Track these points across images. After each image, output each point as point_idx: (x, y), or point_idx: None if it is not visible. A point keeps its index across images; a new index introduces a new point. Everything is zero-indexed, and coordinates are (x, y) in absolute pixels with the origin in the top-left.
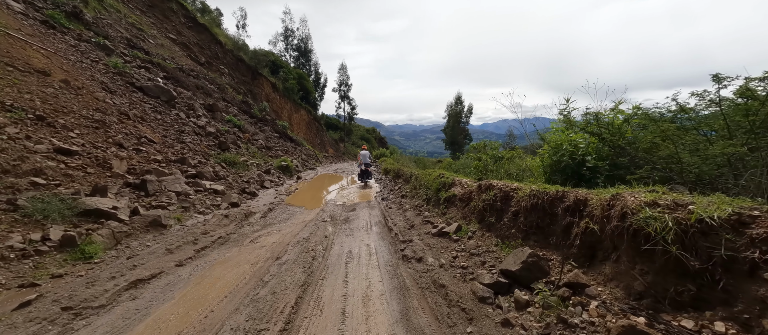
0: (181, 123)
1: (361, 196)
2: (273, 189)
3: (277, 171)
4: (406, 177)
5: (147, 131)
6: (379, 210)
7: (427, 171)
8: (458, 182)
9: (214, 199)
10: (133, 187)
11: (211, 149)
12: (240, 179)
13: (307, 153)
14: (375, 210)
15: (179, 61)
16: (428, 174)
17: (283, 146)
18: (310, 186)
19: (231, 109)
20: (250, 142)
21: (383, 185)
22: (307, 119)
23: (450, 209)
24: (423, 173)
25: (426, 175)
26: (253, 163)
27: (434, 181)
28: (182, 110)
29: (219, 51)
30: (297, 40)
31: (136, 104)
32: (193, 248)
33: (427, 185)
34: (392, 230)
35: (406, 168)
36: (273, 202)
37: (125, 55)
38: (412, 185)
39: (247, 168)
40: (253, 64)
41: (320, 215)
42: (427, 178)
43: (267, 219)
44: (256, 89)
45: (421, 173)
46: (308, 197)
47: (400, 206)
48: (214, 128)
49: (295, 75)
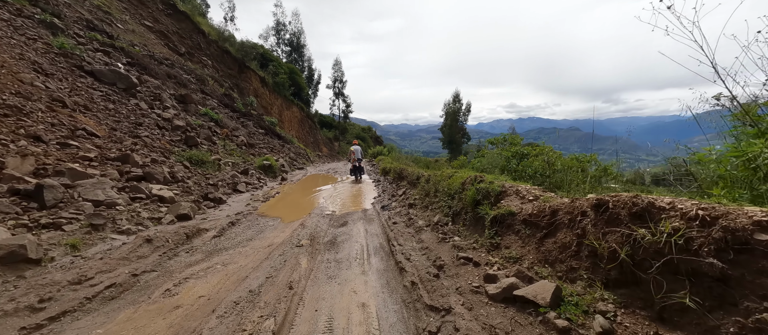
0: (140, 115)
1: (354, 201)
2: (248, 194)
3: (258, 172)
4: (411, 179)
5: (89, 122)
6: (380, 226)
7: (444, 172)
8: (514, 190)
9: (155, 210)
10: (22, 196)
11: (175, 145)
12: (205, 182)
13: (297, 151)
14: (374, 225)
15: (152, 49)
16: (447, 177)
17: (269, 144)
18: (295, 189)
19: (209, 101)
20: (228, 138)
21: (382, 188)
22: (300, 116)
23: (506, 237)
24: (438, 174)
25: (442, 177)
26: (228, 162)
27: (466, 188)
28: (145, 100)
29: (201, 41)
30: (289, 34)
31: (80, 90)
32: (32, 320)
33: (447, 191)
34: (405, 273)
35: (410, 168)
36: (241, 212)
37: (79, 37)
38: (423, 190)
39: (219, 168)
40: (240, 56)
41: (297, 233)
42: (449, 182)
43: (220, 241)
44: (244, 83)
45: (434, 175)
46: (289, 204)
47: (409, 220)
48: (184, 122)
49: (286, 69)
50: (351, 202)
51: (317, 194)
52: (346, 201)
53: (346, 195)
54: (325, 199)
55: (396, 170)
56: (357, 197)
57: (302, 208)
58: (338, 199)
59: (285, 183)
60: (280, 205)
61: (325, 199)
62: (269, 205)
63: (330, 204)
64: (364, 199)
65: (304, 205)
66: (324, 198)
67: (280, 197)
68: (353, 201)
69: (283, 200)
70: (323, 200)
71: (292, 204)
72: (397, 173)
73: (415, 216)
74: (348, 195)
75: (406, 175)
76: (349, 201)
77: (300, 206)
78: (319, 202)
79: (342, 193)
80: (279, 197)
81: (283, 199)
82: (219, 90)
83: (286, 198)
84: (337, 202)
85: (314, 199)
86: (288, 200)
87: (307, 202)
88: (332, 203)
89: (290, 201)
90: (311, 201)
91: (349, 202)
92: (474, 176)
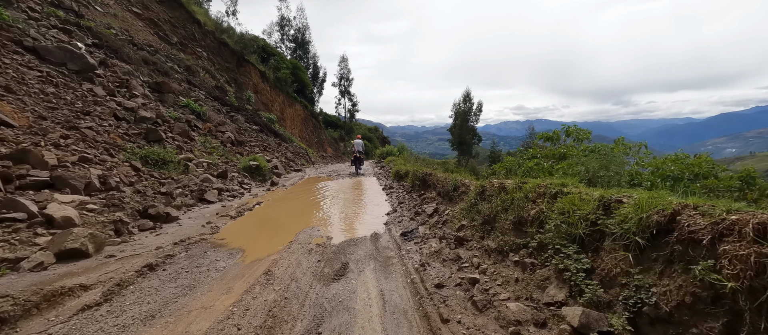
0: (92, 102)
1: (358, 217)
2: (217, 205)
3: (241, 174)
4: (445, 190)
5: (5, 107)
6: (406, 283)
7: (508, 182)
8: None
9: (27, 242)
10: None
11: (131, 140)
12: (154, 191)
13: (296, 151)
14: (394, 279)
15: (136, 36)
16: (540, 191)
17: (263, 142)
18: (284, 198)
19: (195, 93)
20: (211, 134)
21: (398, 198)
22: (303, 114)
23: None
24: (510, 183)
25: (517, 189)
26: (203, 162)
27: (639, 211)
28: (104, 86)
29: (197, 32)
30: (294, 30)
31: (6, 68)
32: None
33: (562, 220)
34: None
35: (438, 172)
36: (188, 239)
37: (32, 11)
38: (475, 211)
39: (187, 170)
40: (239, 48)
41: (253, 298)
42: (564, 204)
43: (92, 318)
44: (242, 78)
45: (492, 184)
46: (267, 222)
47: (459, 267)
48: (153, 113)
49: (288, 64)
50: (355, 217)
51: (310, 205)
52: (347, 217)
53: (348, 206)
54: (319, 212)
55: (417, 175)
56: (363, 210)
57: (283, 231)
58: (337, 213)
59: (275, 189)
60: (254, 224)
61: (320, 212)
62: (238, 225)
63: (324, 223)
64: (372, 214)
65: (287, 224)
66: (318, 211)
67: (259, 210)
68: (358, 217)
69: (262, 216)
70: (317, 214)
71: (270, 223)
72: (418, 178)
73: (476, 265)
74: (351, 206)
75: (433, 182)
76: (353, 216)
77: (281, 227)
78: (310, 218)
79: (343, 202)
80: (258, 211)
81: (261, 214)
82: (210, 82)
83: (266, 212)
84: (335, 218)
85: (304, 213)
86: (268, 215)
87: (293, 218)
88: (328, 221)
89: (270, 218)
90: (299, 217)
91: (352, 217)
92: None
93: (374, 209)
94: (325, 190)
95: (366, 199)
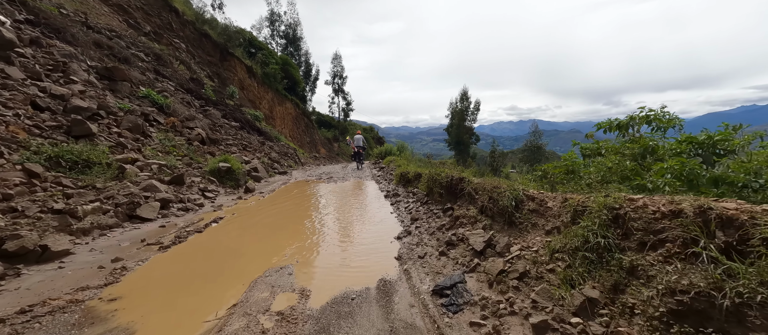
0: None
1: (354, 241)
2: (155, 224)
3: (207, 179)
4: (495, 206)
5: None
6: None
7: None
8: None
9: None
10: None
11: (45, 135)
12: (45, 207)
13: (282, 151)
14: None
15: (94, 19)
16: None
17: (243, 140)
18: (254, 212)
19: (161, 83)
20: (174, 130)
21: (406, 209)
22: (294, 113)
23: None
24: (688, 203)
25: None
26: (152, 164)
27: None
28: (27, 68)
29: (174, 21)
30: (284, 26)
31: None
32: None
33: None
34: None
35: (471, 177)
36: (41, 305)
37: None
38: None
39: (121, 175)
40: (222, 41)
41: None
42: None
43: None
44: (227, 73)
45: (640, 203)
46: (210, 259)
47: None
48: (94, 102)
49: (278, 60)
50: (349, 244)
51: (288, 221)
52: (339, 243)
53: (340, 223)
54: (297, 235)
55: (437, 180)
56: (361, 231)
57: (232, 275)
58: (324, 235)
59: (249, 197)
60: (189, 262)
61: (298, 235)
62: (162, 264)
63: (302, 256)
64: (376, 237)
65: (244, 260)
66: (296, 233)
67: (213, 232)
68: (354, 244)
69: (211, 244)
70: (294, 237)
71: (219, 257)
72: (439, 184)
73: None
74: (344, 223)
75: (469, 192)
76: (346, 242)
77: (231, 268)
78: (281, 246)
79: (334, 217)
80: (209, 234)
81: (212, 239)
82: (185, 74)
83: (221, 236)
84: (320, 246)
85: (276, 235)
86: (222, 241)
87: (257, 247)
88: (308, 253)
89: (222, 247)
90: (267, 243)
91: (345, 244)
92: None
93: (377, 230)
94: (312, 198)
95: (365, 212)
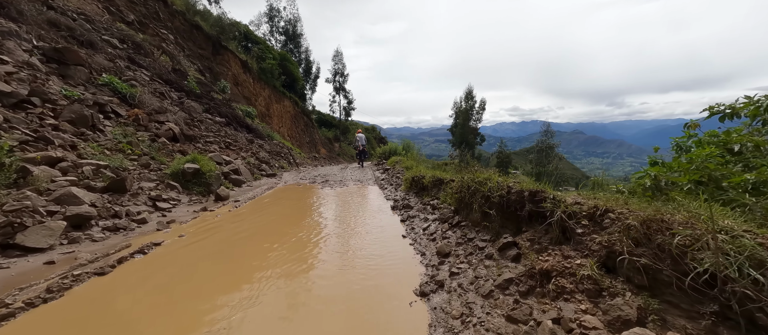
0: None
1: (348, 311)
2: (45, 256)
3: (166, 184)
4: (664, 279)
5: None
6: None
7: None
8: None
9: None
10: None
11: None
12: None
13: (274, 150)
14: None
15: (64, 3)
16: None
17: (227, 137)
18: (213, 233)
19: (133, 72)
20: (138, 123)
21: (426, 234)
22: (293, 111)
23: None
24: None
25: None
26: (86, 164)
27: None
28: None
29: (161, 10)
30: (284, 22)
31: None
32: None
33: None
34: None
35: (566, 194)
36: None
37: None
38: None
39: (22, 180)
40: (215, 33)
41: None
42: None
43: None
44: (220, 67)
45: None
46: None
47: None
48: (23, 88)
49: (275, 54)
50: (338, 318)
51: (254, 253)
52: (319, 306)
53: (328, 257)
54: (258, 282)
55: (481, 192)
56: (360, 280)
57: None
58: (301, 284)
59: (219, 207)
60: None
61: (261, 282)
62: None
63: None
64: (381, 297)
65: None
66: (259, 277)
67: (119, 275)
68: (347, 317)
69: (97, 305)
70: (252, 285)
71: None
72: (488, 200)
73: None
74: (333, 260)
75: (564, 219)
76: (333, 307)
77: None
78: (220, 309)
79: (321, 246)
80: (114, 278)
81: (109, 292)
82: (165, 63)
83: (130, 281)
84: (286, 311)
85: (228, 282)
86: (115, 298)
87: (170, 316)
88: (261, 324)
89: (109, 315)
90: (196, 304)
91: (332, 314)
92: None
93: (385, 271)
94: (299, 211)
95: (365, 236)
